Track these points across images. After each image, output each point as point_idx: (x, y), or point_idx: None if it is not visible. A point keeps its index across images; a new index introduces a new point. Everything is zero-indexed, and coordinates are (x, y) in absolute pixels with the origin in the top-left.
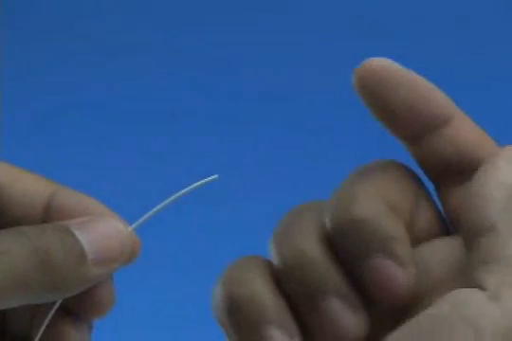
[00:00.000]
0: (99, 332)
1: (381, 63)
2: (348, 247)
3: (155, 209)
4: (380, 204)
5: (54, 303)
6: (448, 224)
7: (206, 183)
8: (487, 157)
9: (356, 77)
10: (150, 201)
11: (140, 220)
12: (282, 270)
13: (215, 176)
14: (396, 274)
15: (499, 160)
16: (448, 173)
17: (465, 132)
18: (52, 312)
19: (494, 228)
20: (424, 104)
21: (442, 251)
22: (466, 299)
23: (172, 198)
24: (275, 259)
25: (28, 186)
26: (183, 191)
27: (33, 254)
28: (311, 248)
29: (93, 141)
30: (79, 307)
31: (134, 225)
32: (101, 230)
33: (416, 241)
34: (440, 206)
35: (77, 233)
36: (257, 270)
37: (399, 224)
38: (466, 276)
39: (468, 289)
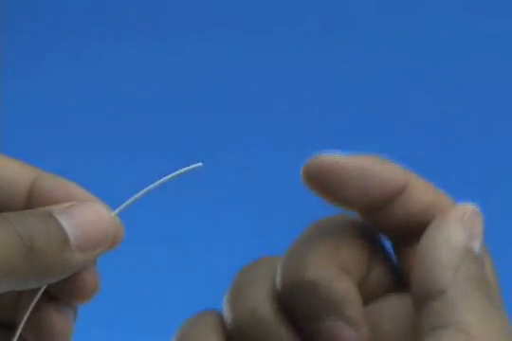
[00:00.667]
0: None
1: (329, 158)
2: (300, 308)
3: (138, 194)
4: (331, 266)
5: (38, 289)
6: (404, 279)
7: (189, 171)
8: (437, 216)
9: (305, 172)
10: (133, 187)
11: (123, 205)
12: (233, 328)
13: (199, 164)
14: (349, 335)
15: (448, 219)
16: (404, 234)
17: (418, 196)
18: (37, 298)
19: (443, 293)
20: (377, 187)
21: (394, 308)
22: None
23: (155, 184)
24: (227, 317)
25: (11, 171)
26: (166, 178)
27: (17, 240)
28: (262, 307)
29: (75, 128)
30: (63, 292)
31: (117, 211)
32: (85, 216)
33: (369, 296)
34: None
35: (60, 219)
36: (210, 328)
37: (351, 285)
38: (416, 336)
39: None
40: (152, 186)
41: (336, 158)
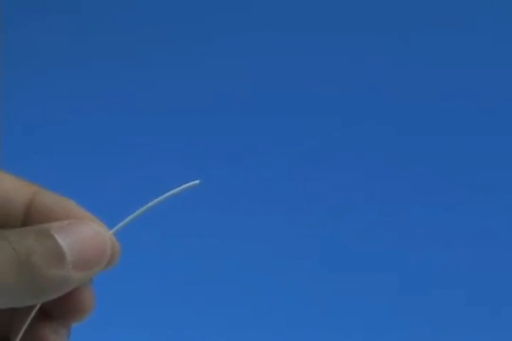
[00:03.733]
0: None
1: None
2: None
3: (135, 214)
4: None
5: (33, 306)
6: None
7: (186, 188)
8: None
9: None
10: (131, 205)
11: (121, 224)
12: None
13: (196, 182)
14: None
15: None
16: None
17: None
18: (31, 315)
19: None
20: None
21: None
22: None
23: (152, 203)
24: None
25: (10, 187)
26: (164, 196)
27: (13, 257)
28: None
29: (77, 141)
30: (58, 311)
31: (114, 229)
32: (82, 234)
33: None
34: None
35: (58, 236)
36: None
37: None
38: None
39: None
40: (150, 204)
41: None
